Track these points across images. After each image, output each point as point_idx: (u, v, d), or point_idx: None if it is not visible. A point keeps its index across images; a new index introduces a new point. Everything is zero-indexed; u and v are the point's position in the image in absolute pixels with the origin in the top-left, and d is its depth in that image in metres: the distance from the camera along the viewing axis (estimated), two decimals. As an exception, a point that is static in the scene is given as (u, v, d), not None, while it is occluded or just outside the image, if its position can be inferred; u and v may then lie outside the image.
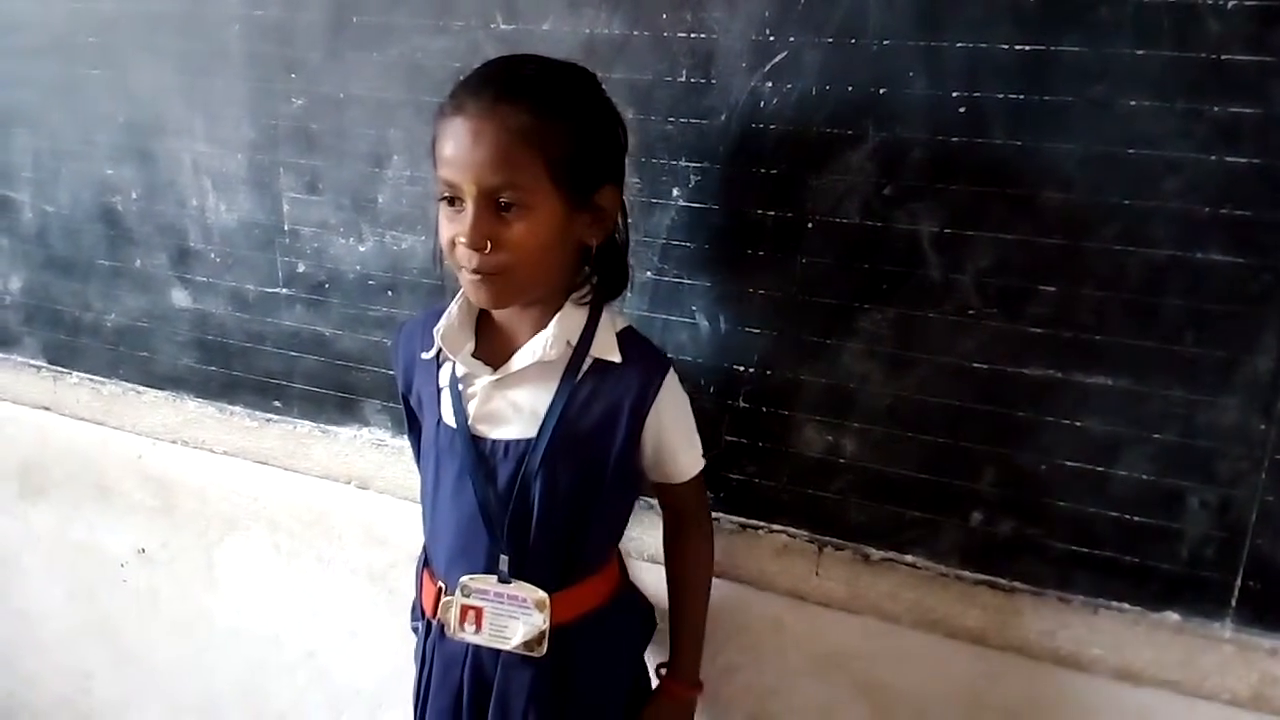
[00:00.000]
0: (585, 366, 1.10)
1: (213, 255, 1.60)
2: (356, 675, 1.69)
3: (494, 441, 1.11)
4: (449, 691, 1.18)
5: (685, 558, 1.25)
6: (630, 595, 1.26)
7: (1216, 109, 0.97)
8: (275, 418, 1.64)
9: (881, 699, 1.28)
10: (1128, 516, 1.10)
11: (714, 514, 1.31)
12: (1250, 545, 1.06)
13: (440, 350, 1.13)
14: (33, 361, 1.87)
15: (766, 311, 1.22)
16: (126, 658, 1.93)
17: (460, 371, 1.13)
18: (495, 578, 1.12)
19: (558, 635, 1.12)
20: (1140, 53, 0.98)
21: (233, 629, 1.79)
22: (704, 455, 1.19)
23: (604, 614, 1.18)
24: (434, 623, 1.19)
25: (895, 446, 1.19)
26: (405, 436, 1.36)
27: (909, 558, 1.23)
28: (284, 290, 1.56)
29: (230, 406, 1.68)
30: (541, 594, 1.11)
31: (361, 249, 1.47)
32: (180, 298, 1.66)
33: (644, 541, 1.35)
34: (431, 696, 1.20)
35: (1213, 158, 0.98)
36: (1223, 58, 0.96)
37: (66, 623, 1.98)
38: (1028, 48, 1.02)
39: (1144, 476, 1.09)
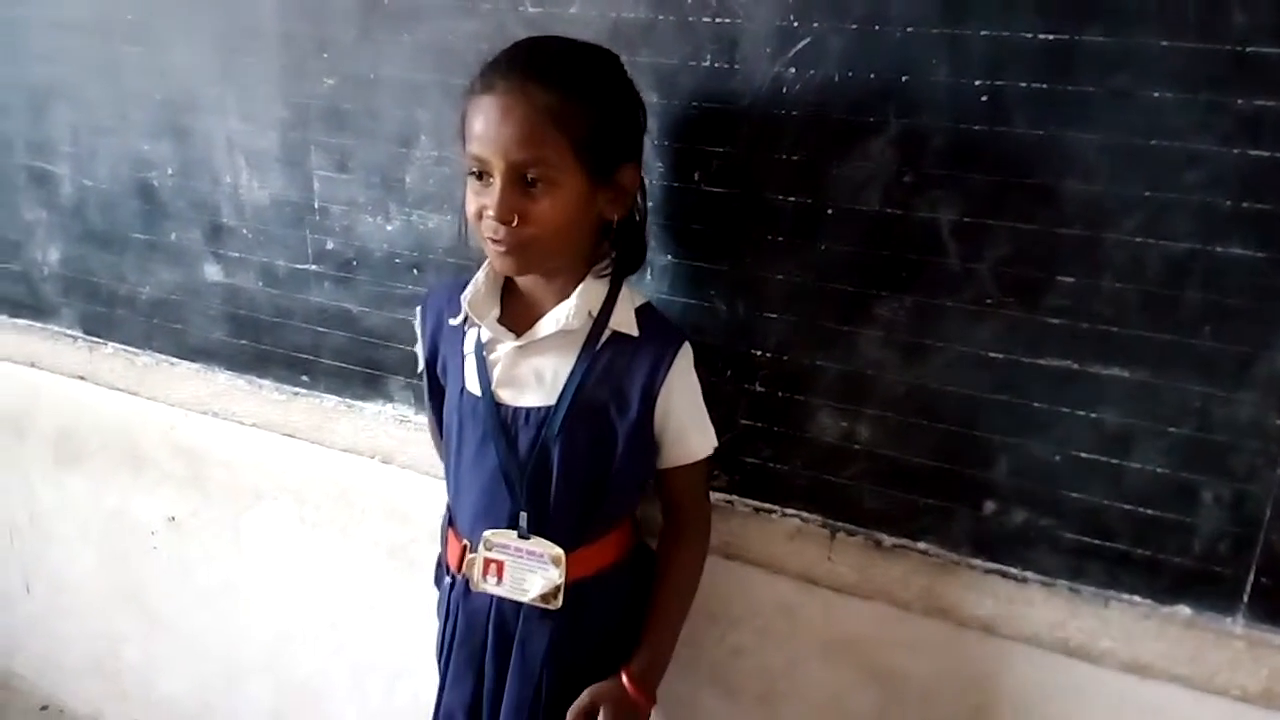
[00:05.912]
0: (604, 338, 1.15)
1: (245, 231, 1.63)
2: (375, 647, 1.72)
3: (515, 409, 1.17)
4: (473, 642, 1.24)
5: (678, 558, 1.26)
6: (643, 553, 1.29)
7: (1240, 102, 0.96)
8: (303, 392, 1.67)
9: (890, 685, 1.29)
10: (1141, 509, 1.10)
11: (728, 497, 1.32)
12: (1263, 541, 1.05)
13: (466, 317, 1.18)
14: (69, 331, 1.91)
15: (784, 297, 1.22)
16: (155, 623, 1.98)
17: (485, 338, 1.19)
18: (515, 533, 1.18)
19: (574, 590, 1.18)
20: (1164, 43, 0.97)
21: (258, 598, 1.83)
22: (718, 441, 1.20)
23: (618, 570, 1.24)
24: (459, 578, 1.24)
25: (910, 434, 1.20)
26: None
27: (921, 545, 1.23)
28: (313, 267, 1.58)
29: (260, 380, 1.71)
30: (558, 550, 1.17)
31: (389, 227, 1.49)
32: (213, 272, 1.69)
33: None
34: (455, 647, 1.26)
35: (1235, 151, 0.97)
36: (1247, 50, 0.95)
37: (98, 588, 2.03)
38: (1051, 37, 1.02)
39: (1158, 470, 1.08)
